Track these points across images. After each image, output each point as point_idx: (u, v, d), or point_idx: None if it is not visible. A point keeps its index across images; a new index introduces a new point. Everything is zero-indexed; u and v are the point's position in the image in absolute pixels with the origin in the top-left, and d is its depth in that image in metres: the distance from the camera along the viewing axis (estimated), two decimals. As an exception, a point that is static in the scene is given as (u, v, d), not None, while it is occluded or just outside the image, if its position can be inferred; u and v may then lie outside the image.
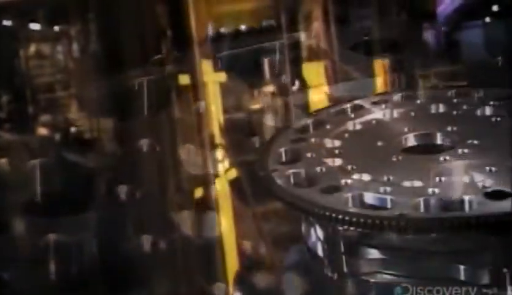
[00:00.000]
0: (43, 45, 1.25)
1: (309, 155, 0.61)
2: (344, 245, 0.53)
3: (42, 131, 1.15)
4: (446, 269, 0.49)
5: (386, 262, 0.52)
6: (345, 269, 0.53)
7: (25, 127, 1.12)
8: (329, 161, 0.59)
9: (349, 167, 0.58)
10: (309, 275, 0.60)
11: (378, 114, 0.68)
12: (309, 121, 0.70)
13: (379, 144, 0.61)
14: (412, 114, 0.67)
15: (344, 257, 0.53)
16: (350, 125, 0.68)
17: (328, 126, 0.68)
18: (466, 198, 0.47)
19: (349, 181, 0.54)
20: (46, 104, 1.21)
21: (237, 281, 0.81)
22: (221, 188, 1.03)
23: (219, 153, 1.11)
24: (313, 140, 0.65)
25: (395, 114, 0.68)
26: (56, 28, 1.28)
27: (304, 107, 1.17)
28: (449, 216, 0.45)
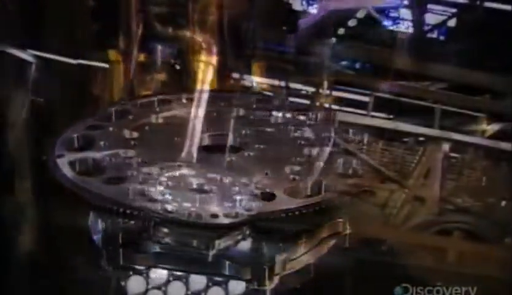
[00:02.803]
0: None
1: (102, 143, 0.59)
2: (121, 237, 0.52)
3: None
4: (216, 264, 0.51)
5: (161, 256, 0.52)
6: (121, 262, 0.52)
7: None
8: (122, 151, 0.58)
9: (140, 159, 0.57)
10: (88, 268, 0.58)
11: (182, 111, 0.69)
12: (112, 109, 0.68)
13: (176, 140, 0.62)
14: (214, 114, 0.69)
15: (121, 249, 0.52)
16: (152, 118, 0.67)
17: (130, 117, 0.67)
18: (238, 198, 0.49)
19: (135, 173, 0.54)
20: None
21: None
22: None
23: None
24: (110, 129, 0.63)
25: (199, 112, 0.69)
26: None
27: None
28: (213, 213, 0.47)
